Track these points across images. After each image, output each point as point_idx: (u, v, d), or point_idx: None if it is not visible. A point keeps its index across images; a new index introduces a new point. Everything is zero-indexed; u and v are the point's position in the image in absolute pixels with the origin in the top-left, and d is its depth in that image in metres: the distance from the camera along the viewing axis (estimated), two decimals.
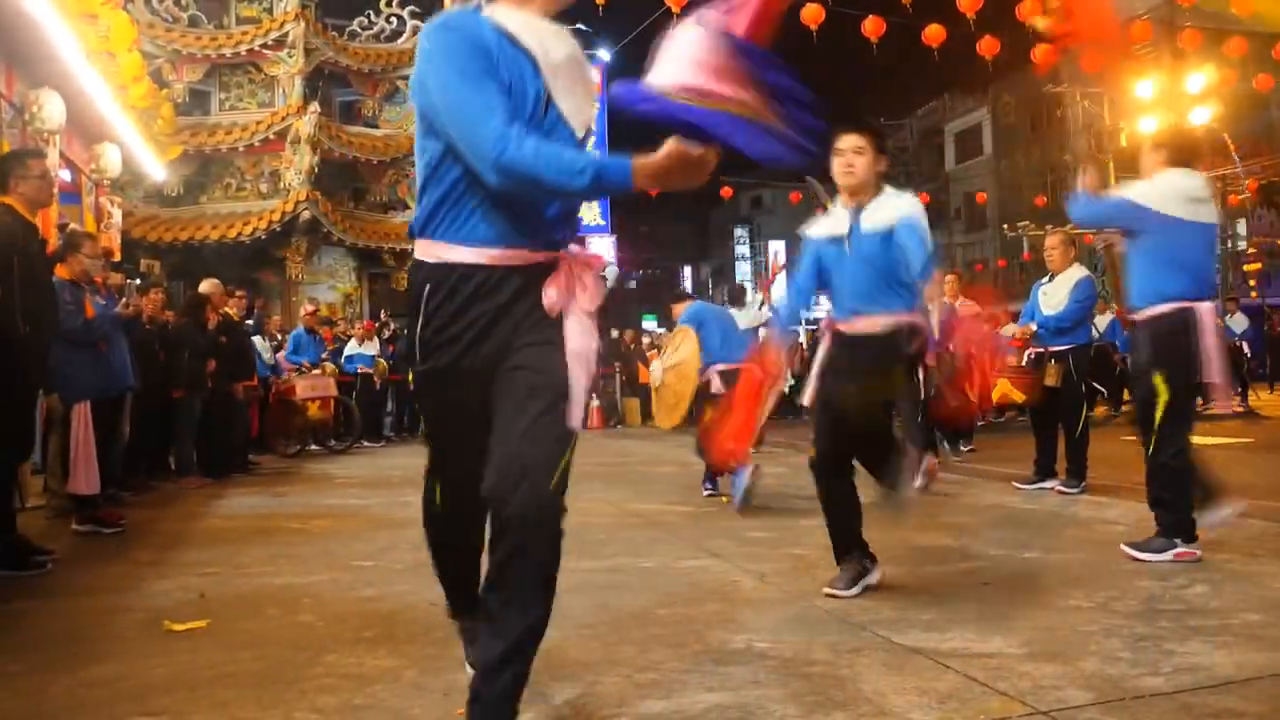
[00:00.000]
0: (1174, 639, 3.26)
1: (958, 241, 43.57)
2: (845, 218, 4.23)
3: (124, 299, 7.00)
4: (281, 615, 3.94)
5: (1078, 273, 7.23)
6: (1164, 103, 26.08)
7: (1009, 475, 7.72)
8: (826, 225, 4.33)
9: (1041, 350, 7.15)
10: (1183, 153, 4.93)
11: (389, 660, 3.25)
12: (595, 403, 17.97)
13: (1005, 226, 34.48)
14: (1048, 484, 7.09)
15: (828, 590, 4.00)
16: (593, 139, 2.59)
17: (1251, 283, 29.99)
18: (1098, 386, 12.90)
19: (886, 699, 2.73)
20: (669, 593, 4.16)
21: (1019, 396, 7.14)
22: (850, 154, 4.16)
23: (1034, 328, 7.18)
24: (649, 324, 32.54)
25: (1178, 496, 4.64)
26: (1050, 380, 7.00)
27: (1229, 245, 29.86)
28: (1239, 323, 16.51)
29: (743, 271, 54.31)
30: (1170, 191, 4.68)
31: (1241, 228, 29.93)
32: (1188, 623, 3.47)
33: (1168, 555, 4.54)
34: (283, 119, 18.26)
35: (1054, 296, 7.17)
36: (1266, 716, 2.57)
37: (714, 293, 35.85)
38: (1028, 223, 32.86)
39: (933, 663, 3.06)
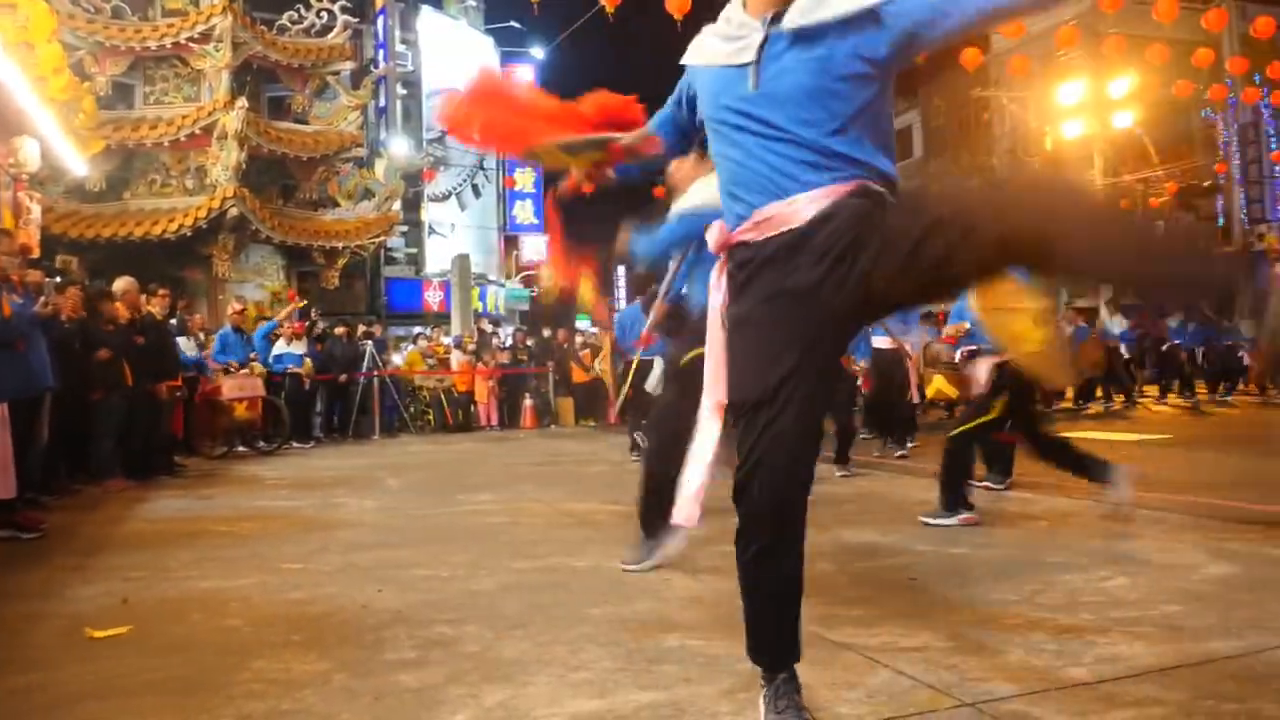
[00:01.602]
0: (1095, 630, 3.34)
1: None
2: (755, 29, 2.44)
3: (42, 297, 6.82)
4: (207, 620, 3.87)
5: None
6: (1088, 107, 26.77)
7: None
8: (717, 48, 2.54)
9: (975, 348, 7.20)
10: None
11: (318, 664, 3.20)
12: (528, 402, 17.91)
13: None
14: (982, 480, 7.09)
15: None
16: None
17: None
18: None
19: (816, 694, 2.75)
20: (602, 592, 4.16)
21: (953, 393, 7.23)
22: None
23: (966, 326, 7.25)
24: (582, 324, 32.53)
25: (952, 475, 5.70)
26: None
27: None
28: (1117, 324, 16.93)
29: None
30: None
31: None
32: (1109, 614, 3.55)
33: (954, 520, 5.57)
34: (209, 114, 17.91)
35: None
36: (1185, 705, 2.64)
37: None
38: None
39: (862, 658, 3.10)
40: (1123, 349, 16.68)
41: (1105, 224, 2.23)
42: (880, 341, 9.16)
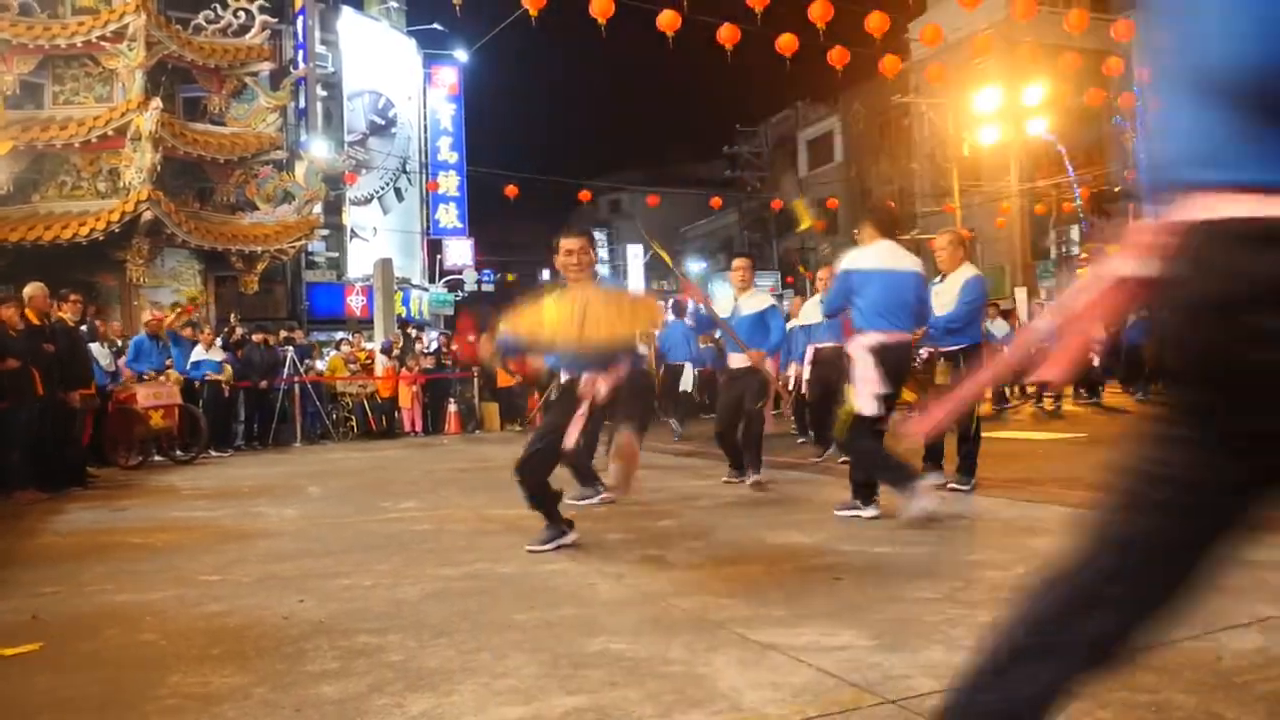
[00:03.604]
0: None
1: (810, 247, 44.65)
2: None
3: None
4: (122, 635, 3.77)
5: (967, 272, 7.29)
6: (1004, 114, 27.38)
7: None
8: None
9: (933, 350, 7.23)
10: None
11: (237, 677, 3.14)
12: (452, 408, 17.75)
13: (856, 231, 35.57)
14: (945, 482, 6.92)
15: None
16: None
17: None
18: None
19: (742, 695, 2.78)
20: (527, 598, 4.14)
21: (910, 396, 7.24)
22: None
23: (925, 330, 7.27)
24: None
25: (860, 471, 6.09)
26: (940, 379, 7.10)
27: (1063, 250, 31.47)
28: (1000, 328, 17.16)
29: (599, 275, 54.37)
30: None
31: (1074, 233, 31.52)
32: None
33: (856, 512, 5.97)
34: (122, 115, 17.46)
35: (944, 297, 7.18)
36: (1098, 695, 2.70)
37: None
38: None
39: (787, 658, 3.13)
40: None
41: None
42: (822, 341, 9.09)
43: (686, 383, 14.40)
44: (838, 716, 2.62)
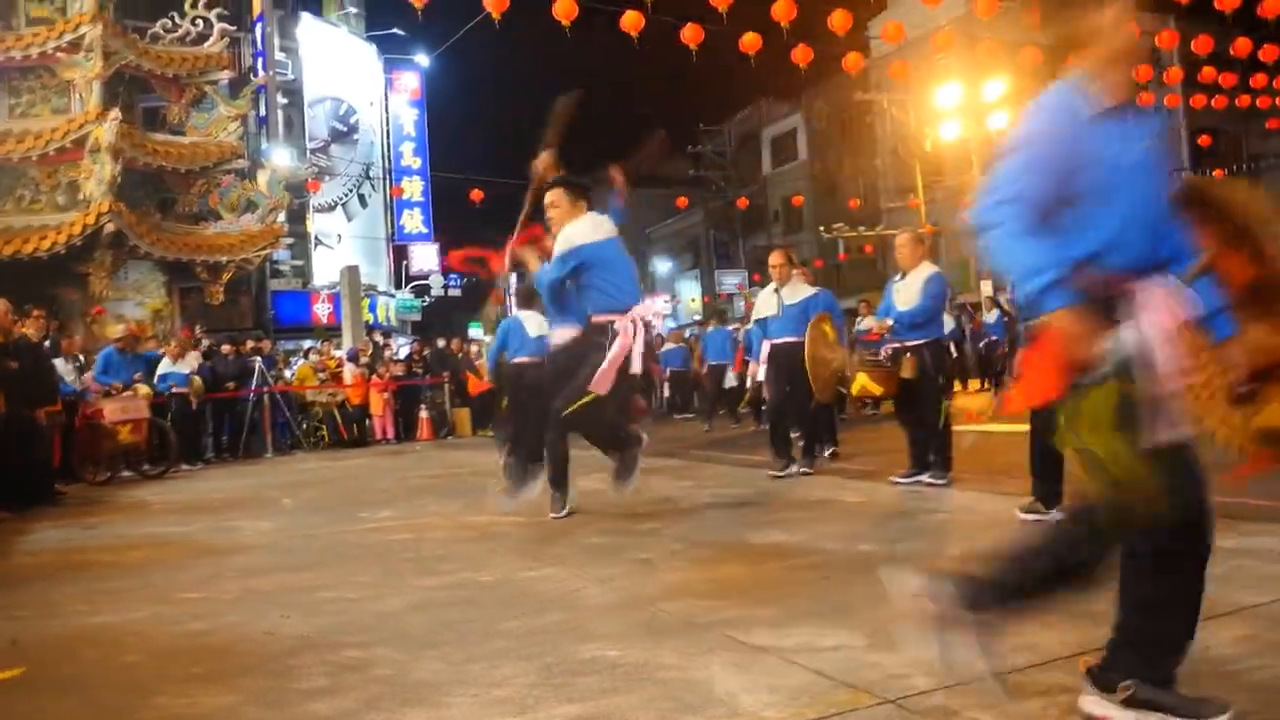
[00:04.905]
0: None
1: (777, 243, 44.84)
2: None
3: None
4: (103, 657, 3.70)
5: (928, 269, 7.43)
6: (965, 110, 27.56)
7: (842, 470, 7.98)
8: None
9: (898, 345, 7.33)
10: None
11: (225, 697, 3.08)
12: (424, 414, 17.65)
13: (822, 228, 35.72)
14: (924, 476, 7.10)
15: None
16: None
17: None
18: None
19: (738, 699, 2.76)
20: (513, 605, 4.11)
21: (877, 390, 7.32)
22: None
23: (890, 323, 7.38)
24: (475, 332, 32.25)
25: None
26: (906, 373, 7.19)
27: None
28: (947, 323, 17.25)
29: None
30: None
31: None
32: None
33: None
34: (80, 126, 17.16)
35: (907, 293, 7.34)
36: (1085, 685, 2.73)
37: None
38: (842, 225, 34.17)
39: (780, 660, 3.12)
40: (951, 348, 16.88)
41: None
42: (781, 337, 8.51)
43: (730, 381, 16.08)
44: (836, 718, 2.61)
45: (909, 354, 7.20)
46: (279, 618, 4.12)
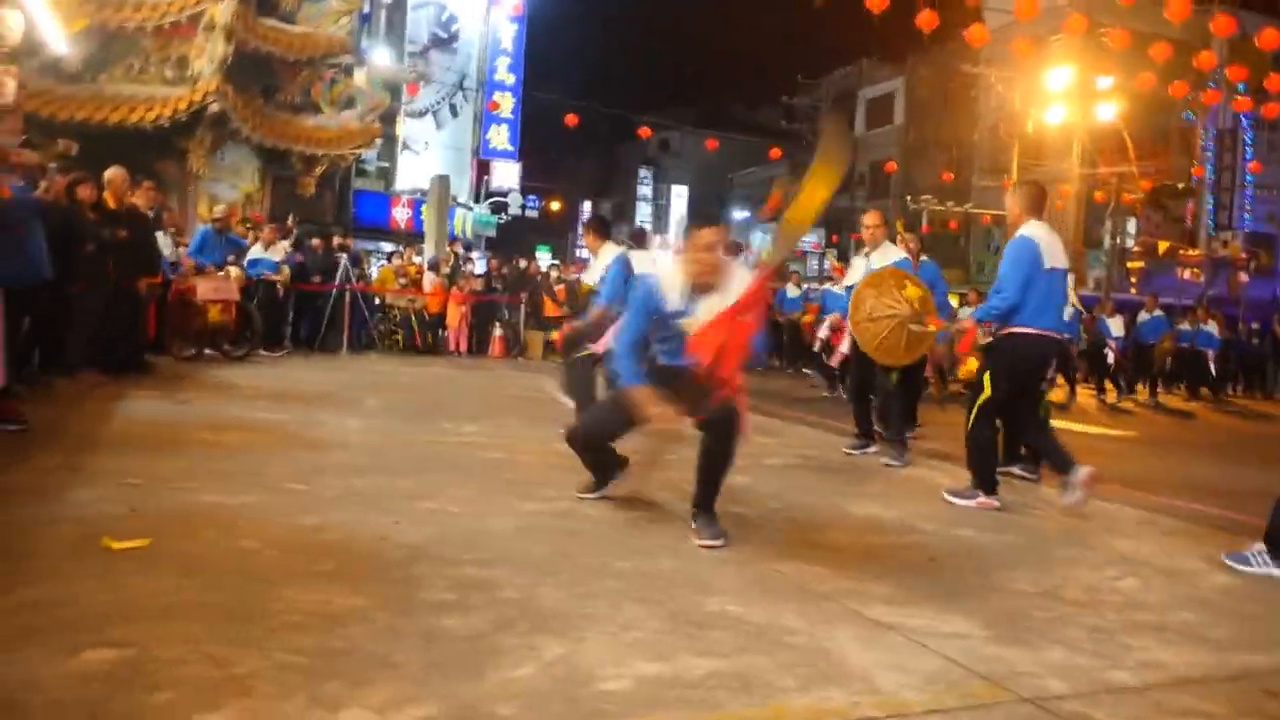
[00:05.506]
0: (1125, 633, 3.37)
1: (859, 206, 44.16)
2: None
3: (43, 183, 6.52)
4: (221, 539, 3.76)
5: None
6: (1073, 96, 26.75)
7: (931, 450, 7.88)
8: None
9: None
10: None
11: (354, 599, 3.12)
12: (498, 332, 17.71)
13: (908, 198, 35.09)
14: (1014, 468, 6.82)
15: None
16: None
17: (1133, 279, 31.27)
18: None
19: (874, 676, 2.75)
20: (622, 544, 4.12)
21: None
22: None
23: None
24: (543, 255, 32.25)
25: (980, 462, 5.71)
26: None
27: (1118, 241, 30.95)
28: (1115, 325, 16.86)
29: (643, 213, 53.97)
30: None
31: (1132, 226, 31.05)
32: (1133, 617, 3.58)
33: (972, 502, 5.61)
34: (197, 3, 17.24)
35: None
36: (1230, 718, 2.68)
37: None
38: (930, 197, 33.53)
39: (906, 640, 3.09)
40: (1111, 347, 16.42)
41: None
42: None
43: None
44: (977, 710, 2.59)
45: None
46: (390, 523, 4.15)
